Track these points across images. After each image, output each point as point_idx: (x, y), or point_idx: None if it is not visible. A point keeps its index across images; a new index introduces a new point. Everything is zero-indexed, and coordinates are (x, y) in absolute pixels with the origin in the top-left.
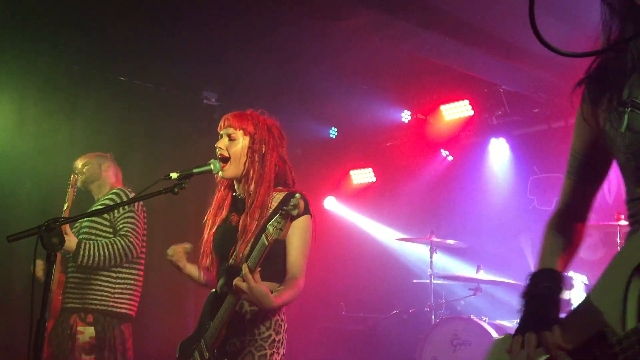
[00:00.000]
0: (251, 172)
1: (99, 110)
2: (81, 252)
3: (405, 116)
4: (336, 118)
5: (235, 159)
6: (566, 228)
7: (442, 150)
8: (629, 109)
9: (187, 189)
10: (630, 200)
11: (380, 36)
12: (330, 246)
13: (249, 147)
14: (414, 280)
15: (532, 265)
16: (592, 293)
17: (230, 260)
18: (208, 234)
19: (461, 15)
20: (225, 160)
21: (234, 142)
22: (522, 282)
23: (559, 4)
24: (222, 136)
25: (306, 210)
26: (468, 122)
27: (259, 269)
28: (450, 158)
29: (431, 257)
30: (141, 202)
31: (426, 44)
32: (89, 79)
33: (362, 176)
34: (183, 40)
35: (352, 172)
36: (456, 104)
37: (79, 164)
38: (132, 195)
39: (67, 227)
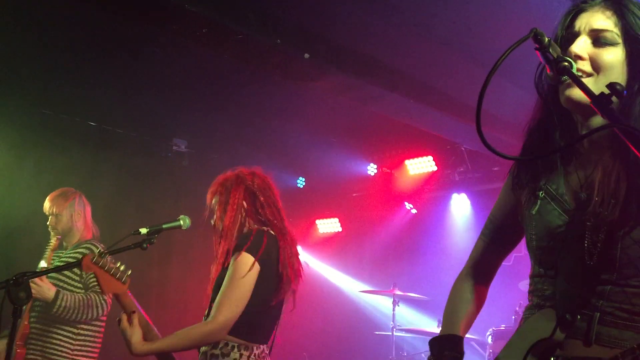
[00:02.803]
0: (219, 219)
1: (67, 154)
2: (58, 302)
3: (372, 169)
4: (304, 168)
5: (218, 218)
6: (472, 289)
7: (406, 203)
8: (542, 195)
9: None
10: (532, 276)
11: (348, 96)
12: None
13: (218, 202)
14: (376, 332)
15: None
16: None
17: None
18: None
19: (425, 80)
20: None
21: (213, 211)
22: (482, 337)
23: (517, 71)
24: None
25: (245, 247)
26: (431, 177)
27: None
28: (414, 211)
29: (394, 309)
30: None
31: (392, 105)
32: (58, 123)
33: (328, 226)
34: (156, 88)
35: (318, 222)
36: (420, 159)
37: (50, 209)
38: (101, 248)
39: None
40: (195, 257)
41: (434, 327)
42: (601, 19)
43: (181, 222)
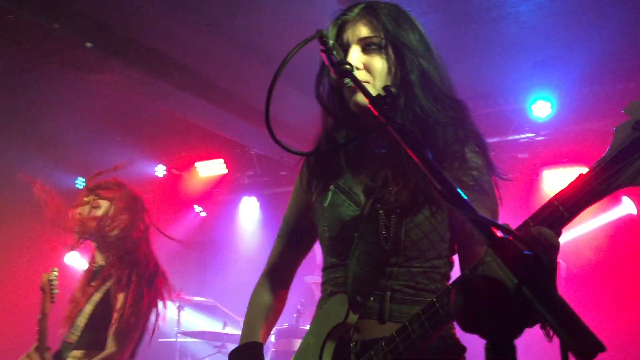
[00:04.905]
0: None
1: None
2: None
3: (160, 171)
4: (85, 168)
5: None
6: (271, 294)
7: (195, 207)
8: (333, 189)
9: None
10: (324, 268)
11: (136, 92)
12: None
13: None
14: (160, 339)
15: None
16: (295, 357)
17: None
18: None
19: (218, 82)
20: None
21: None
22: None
23: (304, 79)
24: None
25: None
26: (222, 180)
27: None
28: (203, 214)
29: (179, 314)
30: None
31: (183, 104)
32: None
33: None
34: None
35: None
36: (211, 162)
37: None
38: None
39: None
40: None
41: (219, 329)
42: (365, 27)
43: None
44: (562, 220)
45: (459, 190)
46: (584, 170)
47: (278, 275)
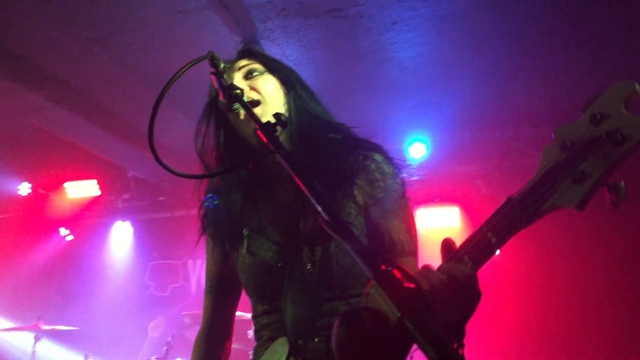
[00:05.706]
0: None
1: None
2: None
3: (24, 189)
4: None
5: None
6: (212, 348)
7: (61, 229)
8: (247, 233)
9: None
10: (255, 316)
11: (3, 103)
12: None
13: None
14: None
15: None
16: None
17: None
18: None
19: (96, 99)
20: None
21: None
22: None
23: (188, 102)
24: None
25: None
26: (93, 202)
27: None
28: (70, 238)
29: (34, 346)
30: None
31: (55, 119)
32: None
33: None
34: None
35: None
36: (82, 182)
37: None
38: None
39: None
40: None
41: None
42: (244, 60)
43: None
44: (491, 247)
45: (345, 220)
46: (454, 209)
47: (217, 329)
